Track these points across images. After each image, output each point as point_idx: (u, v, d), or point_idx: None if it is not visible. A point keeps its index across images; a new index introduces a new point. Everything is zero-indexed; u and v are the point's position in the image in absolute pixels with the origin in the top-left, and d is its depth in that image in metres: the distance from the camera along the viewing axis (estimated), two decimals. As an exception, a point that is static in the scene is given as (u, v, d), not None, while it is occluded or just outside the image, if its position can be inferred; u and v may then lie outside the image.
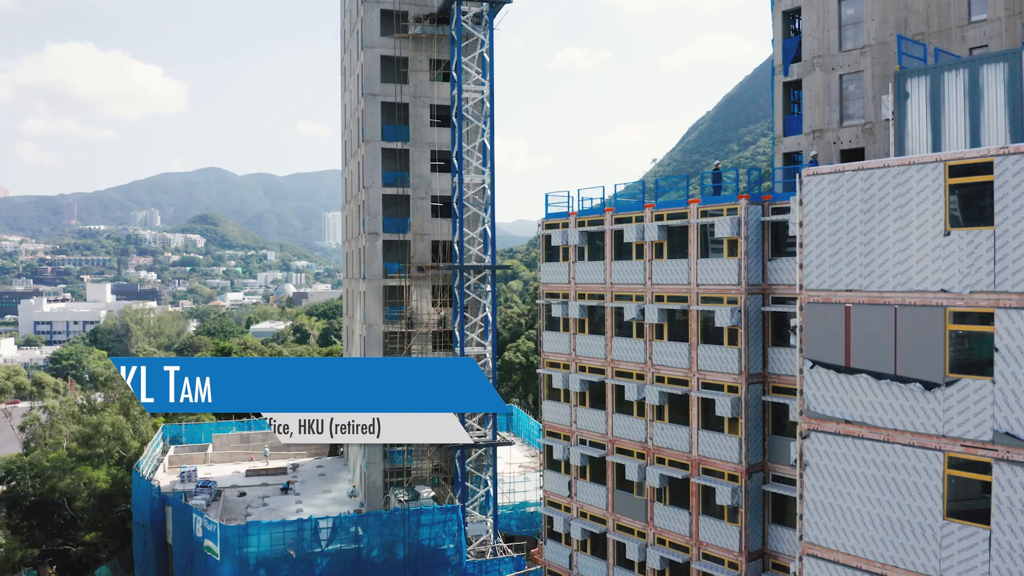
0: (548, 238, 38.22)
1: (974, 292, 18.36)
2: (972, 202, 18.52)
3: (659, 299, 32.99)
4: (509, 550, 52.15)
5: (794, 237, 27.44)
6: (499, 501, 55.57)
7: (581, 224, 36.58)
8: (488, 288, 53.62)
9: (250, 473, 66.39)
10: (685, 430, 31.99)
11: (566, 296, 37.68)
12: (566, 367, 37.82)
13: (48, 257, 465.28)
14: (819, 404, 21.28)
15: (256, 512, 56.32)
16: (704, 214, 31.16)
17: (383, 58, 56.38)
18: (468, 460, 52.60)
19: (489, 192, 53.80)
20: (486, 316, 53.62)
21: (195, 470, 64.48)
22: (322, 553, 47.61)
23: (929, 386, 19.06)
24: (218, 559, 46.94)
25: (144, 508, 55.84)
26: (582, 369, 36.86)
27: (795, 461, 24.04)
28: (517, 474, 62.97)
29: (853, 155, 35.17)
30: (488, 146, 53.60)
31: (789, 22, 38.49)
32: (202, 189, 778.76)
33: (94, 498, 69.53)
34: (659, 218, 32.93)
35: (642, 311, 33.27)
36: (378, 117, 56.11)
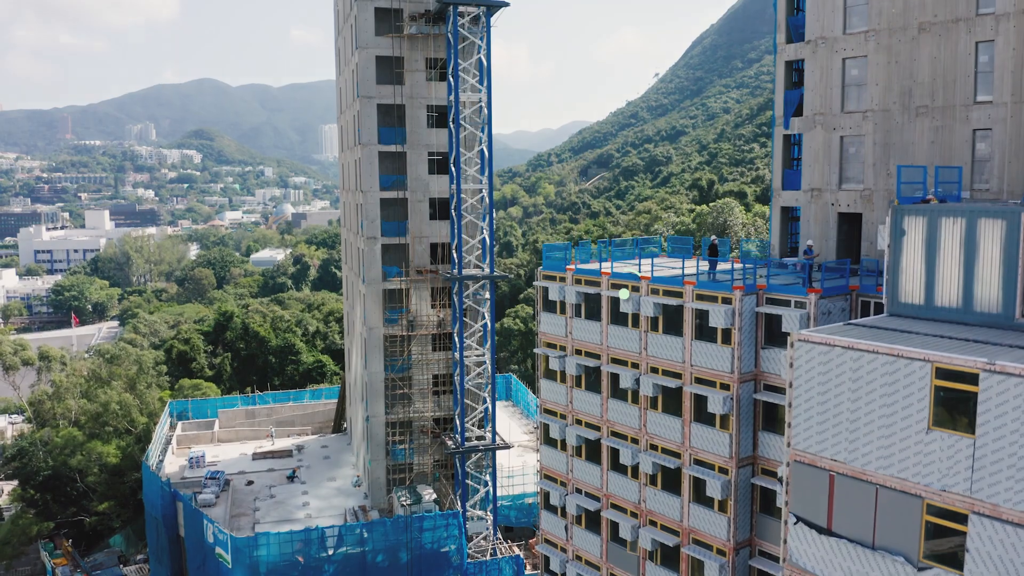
0: (546, 291, 38.53)
1: (951, 493, 19.05)
2: (956, 406, 18.96)
3: (654, 371, 33.60)
4: (509, 548, 54.33)
5: (787, 333, 27.85)
6: (498, 492, 57.46)
7: (578, 282, 36.83)
8: (487, 296, 54.05)
9: (256, 456, 68.30)
10: (677, 500, 33.17)
11: (563, 349, 38.27)
12: (563, 417, 38.78)
13: (45, 175, 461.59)
14: (801, 558, 22.28)
15: (264, 506, 58.44)
16: (700, 297, 31.44)
17: (378, 58, 55.09)
18: (468, 462, 54.23)
19: (487, 200, 53.56)
20: (485, 323, 54.25)
21: (203, 455, 66.37)
22: (329, 559, 49.73)
23: (904, 566, 19.98)
24: (229, 567, 49.12)
25: (156, 502, 57.72)
26: (578, 423, 37.81)
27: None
28: (516, 462, 64.74)
29: (851, 219, 35.14)
30: (486, 153, 53.04)
31: (791, 70, 37.72)
32: (197, 101, 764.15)
33: (105, 472, 71.95)
34: (655, 292, 33.20)
35: (637, 380, 33.94)
36: (374, 120, 55.25)
